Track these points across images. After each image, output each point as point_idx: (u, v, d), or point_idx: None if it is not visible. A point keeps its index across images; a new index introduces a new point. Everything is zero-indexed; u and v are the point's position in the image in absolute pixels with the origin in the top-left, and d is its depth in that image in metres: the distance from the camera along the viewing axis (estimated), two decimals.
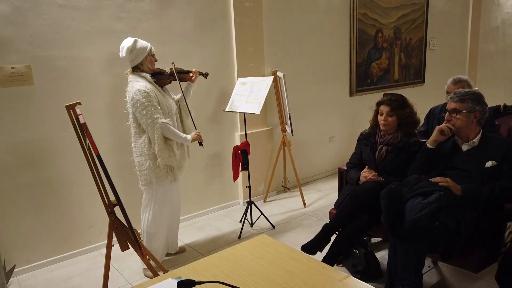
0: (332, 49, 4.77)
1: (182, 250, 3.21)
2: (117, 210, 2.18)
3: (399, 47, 5.52)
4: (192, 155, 3.45)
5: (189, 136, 2.80)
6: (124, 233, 2.13)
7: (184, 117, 2.94)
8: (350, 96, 5.09)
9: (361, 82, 5.13)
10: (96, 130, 3.07)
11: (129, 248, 2.18)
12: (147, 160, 2.65)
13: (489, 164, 2.22)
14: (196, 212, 3.89)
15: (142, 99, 2.55)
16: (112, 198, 2.17)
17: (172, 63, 2.85)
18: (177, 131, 2.72)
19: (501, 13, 7.45)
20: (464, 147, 2.36)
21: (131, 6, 3.22)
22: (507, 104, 4.15)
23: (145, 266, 2.73)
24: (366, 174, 2.64)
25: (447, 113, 2.38)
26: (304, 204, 4.07)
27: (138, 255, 2.23)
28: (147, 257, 2.33)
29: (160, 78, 2.79)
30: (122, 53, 2.64)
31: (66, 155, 3.05)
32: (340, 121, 5.04)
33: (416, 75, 5.89)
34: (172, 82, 2.89)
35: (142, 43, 2.67)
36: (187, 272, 1.50)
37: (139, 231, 2.68)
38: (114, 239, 2.23)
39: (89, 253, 3.24)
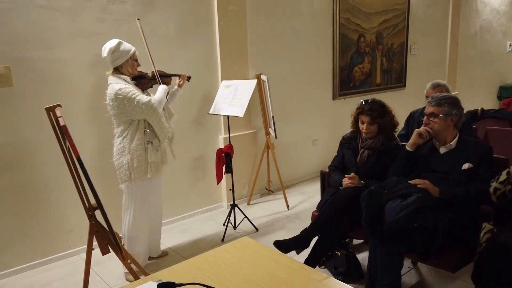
0: (315, 53, 4.83)
1: (165, 253, 3.19)
2: (98, 213, 2.16)
3: (381, 51, 5.62)
4: (177, 157, 3.44)
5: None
6: (105, 237, 2.11)
7: (167, 119, 2.93)
8: (333, 99, 5.15)
9: (344, 86, 5.20)
10: (76, 132, 3.03)
11: (110, 252, 2.16)
12: (127, 155, 2.63)
13: (465, 166, 2.29)
14: (180, 215, 3.87)
15: (128, 94, 2.55)
16: (93, 201, 2.14)
17: (153, 68, 2.84)
18: (158, 94, 2.76)
19: (479, 20, 7.67)
20: (442, 150, 2.42)
21: (114, 8, 3.20)
22: (484, 109, 4.29)
23: (126, 270, 2.70)
24: (348, 182, 2.64)
25: (425, 117, 2.44)
26: (288, 206, 4.09)
27: (119, 258, 2.21)
28: (129, 260, 2.31)
29: (141, 82, 2.77)
30: (104, 53, 2.63)
31: (46, 158, 3.00)
32: (323, 124, 5.09)
33: (398, 79, 6.00)
34: (154, 86, 2.89)
35: (126, 45, 2.66)
36: (168, 275, 1.50)
37: (120, 235, 2.66)
38: (95, 243, 2.21)
39: (69, 258, 3.19)
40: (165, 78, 2.92)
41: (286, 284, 1.42)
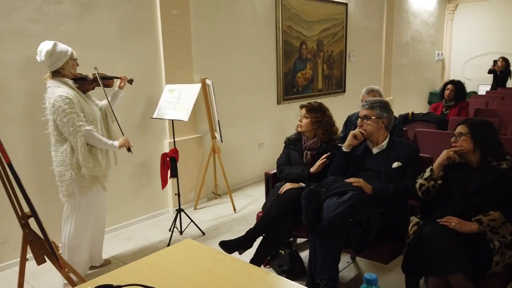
0: (260, 59, 4.94)
1: (107, 262, 3.09)
2: (32, 222, 2.06)
3: (322, 58, 5.87)
4: (119, 163, 3.35)
5: (116, 142, 2.72)
6: (40, 246, 2.01)
7: (110, 123, 2.85)
8: (277, 104, 5.30)
9: (288, 91, 5.37)
10: (9, 137, 2.86)
11: (45, 261, 2.07)
12: (69, 170, 2.53)
13: (395, 165, 2.48)
14: (123, 222, 3.76)
15: (64, 106, 2.43)
16: (26, 209, 2.04)
17: (94, 68, 2.76)
18: (102, 137, 2.64)
19: (411, 30, 8.28)
20: (375, 150, 2.59)
21: (49, 8, 3.07)
22: (414, 112, 4.63)
23: (65, 281, 2.58)
24: (289, 186, 2.74)
25: (359, 119, 2.60)
26: (234, 209, 4.14)
27: (56, 267, 2.11)
28: (66, 269, 2.22)
29: (83, 84, 2.68)
30: (41, 57, 2.49)
31: None
32: (268, 128, 5.22)
33: (338, 85, 6.30)
34: (96, 88, 2.81)
35: (62, 46, 2.55)
36: (107, 280, 1.47)
37: (58, 245, 2.55)
38: (30, 255, 2.10)
39: (1, 272, 2.98)
40: (107, 80, 2.85)
41: (228, 282, 1.46)
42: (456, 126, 2.27)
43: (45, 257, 2.06)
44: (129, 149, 2.82)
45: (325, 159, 2.70)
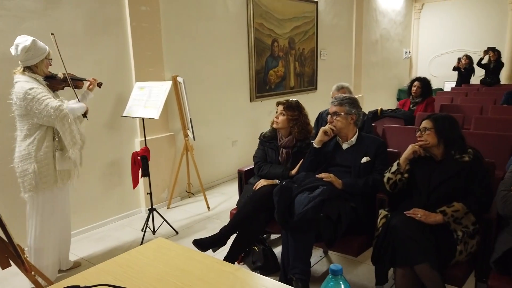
0: (232, 56, 4.94)
1: (77, 264, 3.01)
2: None
3: (293, 56, 5.93)
4: (88, 163, 3.28)
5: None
6: (3, 249, 1.94)
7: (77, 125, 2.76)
8: (250, 101, 5.31)
9: (261, 88, 5.39)
10: None
11: (10, 265, 2.00)
12: (32, 163, 2.46)
13: (364, 160, 2.54)
14: (94, 223, 3.68)
15: (38, 95, 2.41)
16: None
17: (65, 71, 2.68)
18: (76, 105, 2.62)
19: (379, 29, 8.48)
20: (344, 146, 2.65)
21: (11, 4, 2.96)
22: (383, 109, 4.75)
23: (33, 286, 2.50)
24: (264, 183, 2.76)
25: (329, 116, 2.65)
26: (208, 207, 4.12)
27: (22, 271, 2.05)
28: (33, 273, 2.15)
29: (52, 83, 2.63)
30: (17, 51, 2.44)
31: None
32: (242, 126, 5.22)
33: (310, 83, 6.38)
34: (65, 88, 2.74)
35: (41, 44, 2.51)
36: (75, 281, 1.44)
37: (25, 248, 2.47)
38: None
39: None
40: (77, 81, 2.77)
41: (200, 279, 1.45)
42: (421, 121, 2.36)
43: (10, 260, 1.99)
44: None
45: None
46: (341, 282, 0.91)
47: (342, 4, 6.98)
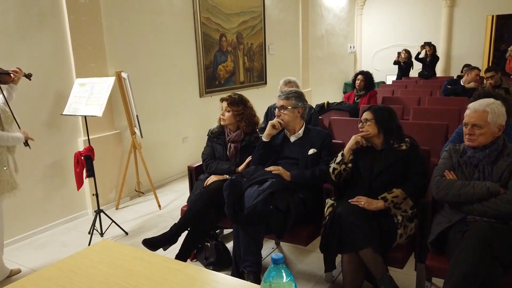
0: (179, 51, 4.85)
1: (14, 272, 2.82)
2: None
3: (242, 51, 5.93)
4: (27, 166, 3.09)
5: (19, 134, 2.50)
6: None
7: (6, 125, 2.51)
8: (200, 97, 5.26)
9: (210, 83, 5.35)
10: None
11: None
12: None
13: (311, 151, 2.61)
14: (35, 228, 3.47)
15: None
16: None
17: None
18: (3, 133, 2.40)
19: (325, 24, 8.71)
20: (292, 139, 2.70)
21: None
22: (330, 102, 4.90)
23: None
24: (215, 179, 2.75)
25: (276, 109, 2.69)
26: (159, 206, 4.04)
27: None
28: None
29: None
30: None
31: None
32: (192, 122, 5.16)
33: (259, 77, 6.43)
34: None
35: None
36: None
37: None
38: None
39: None
40: (4, 75, 2.57)
41: (147, 278, 1.43)
42: (362, 113, 2.46)
43: None
44: (26, 143, 2.61)
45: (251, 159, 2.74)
46: (282, 271, 0.94)
47: None
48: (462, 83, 5.15)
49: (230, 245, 3.00)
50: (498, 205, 1.93)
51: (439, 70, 8.94)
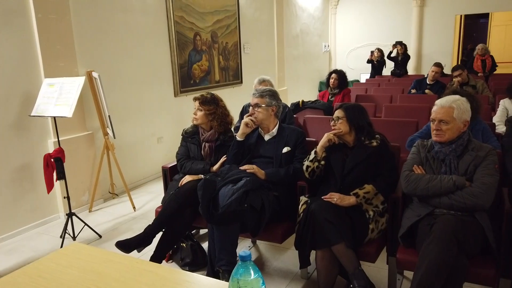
0: (152, 50, 4.78)
1: None
2: None
3: (217, 50, 5.91)
4: None
5: None
6: None
7: None
8: (175, 96, 5.20)
9: (185, 83, 5.30)
10: None
11: None
12: None
13: (285, 150, 2.63)
14: (3, 234, 3.36)
15: None
16: None
17: None
18: None
19: (300, 23, 8.78)
20: (266, 137, 2.71)
21: None
22: (304, 100, 4.95)
23: None
24: (189, 179, 2.73)
25: (250, 108, 2.70)
26: (134, 208, 3.98)
27: None
28: None
29: None
30: None
31: None
32: (167, 121, 5.10)
33: (235, 76, 6.42)
34: None
35: None
36: None
37: None
38: None
39: None
40: None
41: (118, 281, 1.40)
42: (334, 111, 2.50)
43: None
44: None
45: (226, 158, 2.74)
46: (250, 267, 0.94)
47: None
48: (427, 82, 5.30)
49: (206, 245, 2.98)
50: (464, 198, 2.00)
51: (410, 68, 9.17)
